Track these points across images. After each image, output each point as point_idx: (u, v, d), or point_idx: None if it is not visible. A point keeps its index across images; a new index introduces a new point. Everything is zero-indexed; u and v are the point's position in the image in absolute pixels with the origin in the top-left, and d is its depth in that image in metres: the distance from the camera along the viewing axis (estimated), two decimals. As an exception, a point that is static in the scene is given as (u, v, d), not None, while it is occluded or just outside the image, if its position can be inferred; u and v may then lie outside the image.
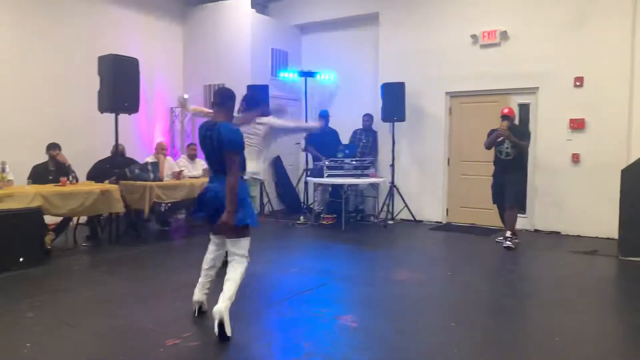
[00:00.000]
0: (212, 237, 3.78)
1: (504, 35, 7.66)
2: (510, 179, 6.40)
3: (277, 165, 9.66)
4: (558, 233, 7.35)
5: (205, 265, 3.79)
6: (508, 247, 6.28)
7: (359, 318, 3.86)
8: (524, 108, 7.73)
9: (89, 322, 3.81)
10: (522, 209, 7.68)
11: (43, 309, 4.00)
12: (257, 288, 4.70)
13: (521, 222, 7.63)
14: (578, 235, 7.20)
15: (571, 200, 7.26)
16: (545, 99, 7.43)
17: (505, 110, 6.43)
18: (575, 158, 7.20)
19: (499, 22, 7.70)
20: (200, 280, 3.80)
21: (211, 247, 3.80)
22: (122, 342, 3.42)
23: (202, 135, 3.59)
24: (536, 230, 7.54)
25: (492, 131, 6.46)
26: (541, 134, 7.46)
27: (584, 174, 7.15)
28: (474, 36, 7.88)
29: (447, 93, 8.27)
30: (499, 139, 6.34)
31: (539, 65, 7.39)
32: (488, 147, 6.54)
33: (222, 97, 3.67)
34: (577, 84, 7.16)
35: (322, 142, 8.43)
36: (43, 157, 6.56)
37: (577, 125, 7.17)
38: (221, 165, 3.48)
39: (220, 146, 3.44)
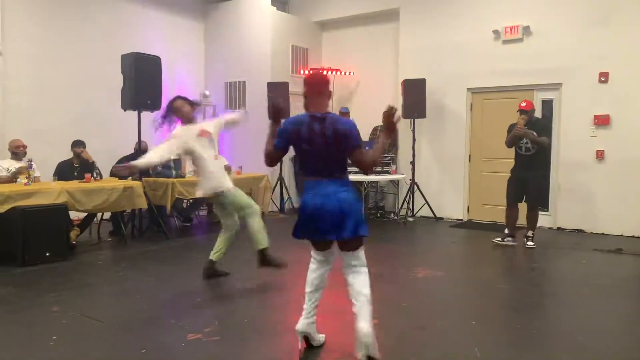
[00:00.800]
0: (314, 254, 3.18)
1: (527, 30, 7.55)
2: (531, 177, 6.13)
3: (296, 161, 9.69)
4: (582, 231, 7.24)
5: (309, 288, 3.14)
6: (531, 247, 6.16)
7: (378, 315, 3.84)
8: (547, 104, 7.62)
9: (112, 315, 3.88)
10: (544, 206, 7.59)
11: (68, 302, 4.09)
12: (279, 284, 4.73)
13: (544, 220, 7.54)
14: (602, 234, 7.08)
15: (595, 198, 7.14)
16: (569, 94, 7.32)
17: (523, 104, 6.13)
18: (600, 155, 7.08)
19: (522, 17, 7.60)
20: (304, 306, 3.13)
21: (314, 266, 3.17)
22: (145, 335, 3.48)
23: (309, 129, 2.92)
24: (559, 228, 7.44)
25: (512, 126, 6.23)
26: (565, 130, 7.35)
27: (609, 171, 7.03)
28: (496, 32, 7.80)
29: (468, 89, 8.20)
30: (515, 133, 6.04)
31: (563, 61, 7.28)
32: (509, 146, 6.27)
33: (321, 84, 3.05)
34: (602, 79, 7.04)
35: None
36: (68, 154, 6.69)
37: (602, 121, 7.05)
38: (332, 168, 2.96)
39: (336, 143, 2.90)
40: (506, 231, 6.33)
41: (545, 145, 6.14)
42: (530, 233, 6.27)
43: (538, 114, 7.58)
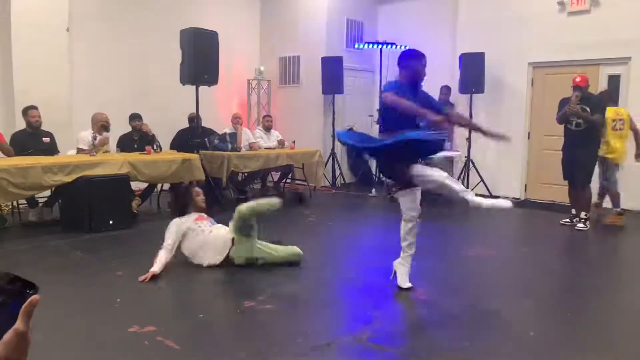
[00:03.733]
0: None
1: (595, 1, 7.16)
2: (581, 155, 5.85)
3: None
4: (647, 213, 6.93)
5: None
6: (581, 229, 5.89)
7: (428, 291, 3.87)
8: (614, 80, 7.25)
9: (172, 281, 4.07)
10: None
11: (131, 268, 4.30)
12: (327, 258, 4.80)
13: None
14: (670, 216, 6.75)
15: (663, 179, 6.79)
16: (639, 69, 6.92)
17: (577, 79, 5.83)
18: (671, 133, 6.69)
19: (590, -14, 7.21)
20: None
21: None
22: (202, 301, 3.64)
23: None
24: (623, 210, 7.11)
25: (563, 100, 5.95)
26: (632, 107, 6.96)
27: (680, 151, 6.64)
28: (561, 3, 7.43)
29: (529, 64, 7.90)
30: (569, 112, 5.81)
31: (633, 33, 6.87)
32: (560, 122, 6.04)
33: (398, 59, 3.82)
34: (676, 53, 6.61)
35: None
36: (129, 127, 6.94)
37: (674, 98, 6.65)
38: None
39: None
40: (572, 211, 6.14)
41: (598, 125, 5.86)
42: (583, 215, 5.97)
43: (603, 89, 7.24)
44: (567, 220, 6.17)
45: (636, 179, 7.00)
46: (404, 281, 3.78)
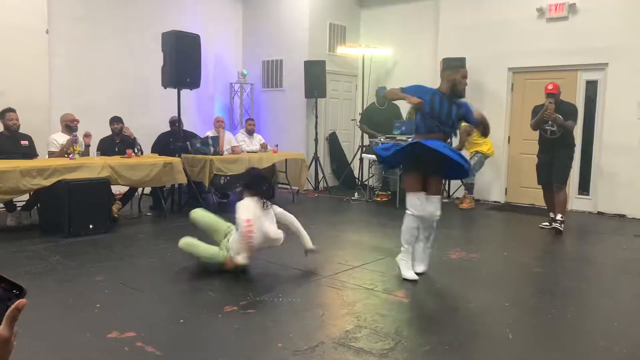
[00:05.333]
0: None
1: (573, 8, 7.29)
2: (557, 157, 6.00)
3: (332, 141, 9.70)
4: (623, 216, 7.06)
5: None
6: (558, 231, 5.95)
7: (410, 294, 3.89)
8: (592, 85, 7.38)
9: (153, 286, 4.03)
10: (585, 190, 7.43)
11: (111, 273, 4.26)
12: (310, 261, 4.80)
13: (584, 204, 7.39)
14: (645, 219, 6.89)
15: (639, 182, 6.93)
16: (615, 75, 7.06)
17: (550, 87, 5.94)
18: (646, 138, 6.85)
19: (568, -6, 7.34)
20: None
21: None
22: (183, 306, 3.61)
23: None
24: (599, 213, 7.26)
25: (537, 107, 6.07)
26: (609, 113, 7.12)
27: (655, 155, 6.80)
28: (540, 9, 7.55)
29: (509, 69, 8.01)
30: (545, 118, 5.93)
31: (610, 40, 7.01)
32: (535, 128, 6.15)
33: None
34: (652, 59, 6.76)
35: (378, 118, 8.40)
36: (110, 130, 6.87)
37: (650, 103, 6.80)
38: None
39: None
40: (551, 215, 6.26)
41: (571, 130, 5.99)
42: (559, 216, 6.02)
43: (581, 95, 7.39)
44: (547, 223, 6.29)
45: (610, 184, 7.14)
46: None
